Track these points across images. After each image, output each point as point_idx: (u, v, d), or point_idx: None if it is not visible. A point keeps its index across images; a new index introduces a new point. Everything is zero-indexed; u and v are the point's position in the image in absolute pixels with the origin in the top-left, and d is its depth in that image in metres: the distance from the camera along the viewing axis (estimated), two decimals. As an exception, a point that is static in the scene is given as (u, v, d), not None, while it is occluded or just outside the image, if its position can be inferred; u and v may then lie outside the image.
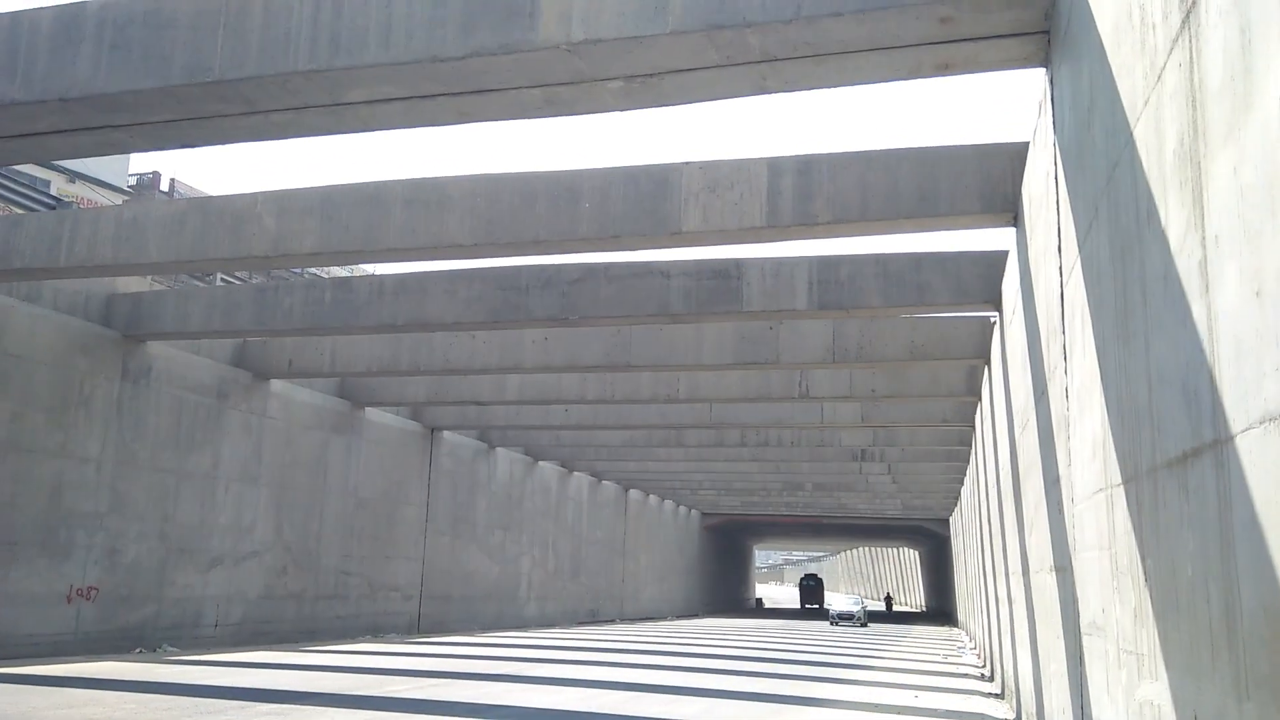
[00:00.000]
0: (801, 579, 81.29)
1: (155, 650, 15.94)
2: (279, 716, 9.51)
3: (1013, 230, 8.87)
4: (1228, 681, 2.95)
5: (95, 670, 12.97)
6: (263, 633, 18.82)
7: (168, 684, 11.81)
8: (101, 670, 13.00)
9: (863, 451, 27.89)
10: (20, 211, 15.02)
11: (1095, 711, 5.32)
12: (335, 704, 10.57)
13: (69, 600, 14.79)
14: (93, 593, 15.18)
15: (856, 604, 45.44)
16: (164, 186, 29.19)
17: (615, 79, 6.76)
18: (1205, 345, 3.05)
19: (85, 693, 10.64)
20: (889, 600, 67.08)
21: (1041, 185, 6.72)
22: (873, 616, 54.02)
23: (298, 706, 10.25)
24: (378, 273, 16.56)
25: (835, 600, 48.68)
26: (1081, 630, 5.67)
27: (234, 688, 11.78)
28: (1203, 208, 3.04)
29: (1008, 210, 8.56)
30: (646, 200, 9.55)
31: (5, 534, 13.84)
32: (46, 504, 14.47)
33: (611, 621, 36.88)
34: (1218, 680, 3.05)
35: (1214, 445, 2.99)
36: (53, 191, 21.88)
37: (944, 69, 6.51)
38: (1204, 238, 3.03)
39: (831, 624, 43.29)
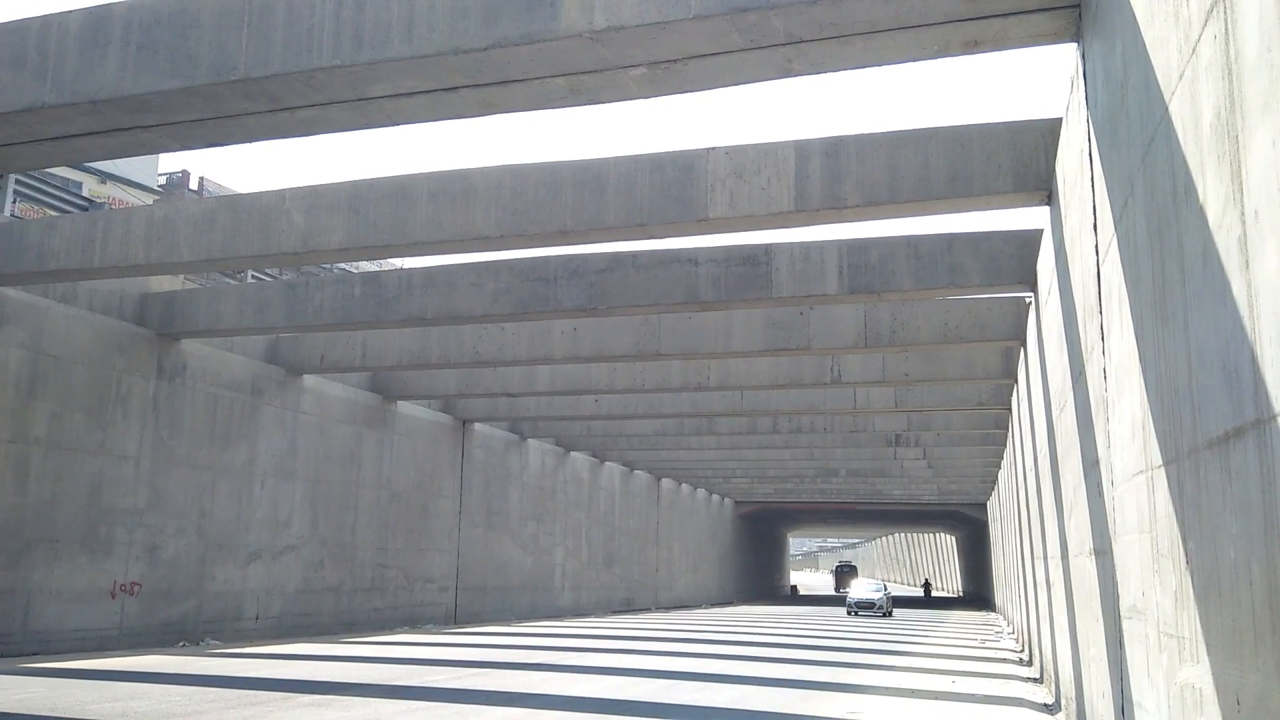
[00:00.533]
0: (837, 565, 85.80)
1: (198, 643, 16.21)
2: (321, 706, 9.63)
3: (1047, 209, 8.73)
4: (1270, 665, 2.88)
5: (140, 664, 13.21)
6: (302, 625, 19.06)
7: (211, 676, 11.99)
8: (146, 664, 13.24)
9: (897, 436, 27.69)
10: (54, 214, 15.24)
11: (1136, 695, 5.24)
12: (375, 694, 10.68)
13: (113, 596, 15.07)
14: (136, 588, 15.45)
15: (878, 590, 38.87)
16: (193, 185, 29.53)
17: (638, 66, 6.73)
18: (1246, 323, 2.97)
19: (131, 686, 10.84)
20: (927, 586, 65.81)
21: (1075, 162, 6.60)
22: (910, 603, 53.60)
23: (339, 697, 10.38)
24: (406, 266, 16.65)
25: (855, 586, 40.86)
26: (1121, 614, 5.58)
27: (276, 679, 11.94)
28: (1241, 182, 2.96)
29: (1041, 188, 8.42)
30: (673, 187, 9.50)
31: (48, 532, 14.12)
32: (87, 502, 14.74)
33: (646, 610, 36.98)
34: (1260, 664, 2.98)
35: (1256, 425, 2.91)
36: (84, 193, 22.21)
37: (972, 46, 6.40)
38: (1243, 213, 2.95)
39: (850, 614, 37.30)
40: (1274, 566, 2.84)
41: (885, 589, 39.39)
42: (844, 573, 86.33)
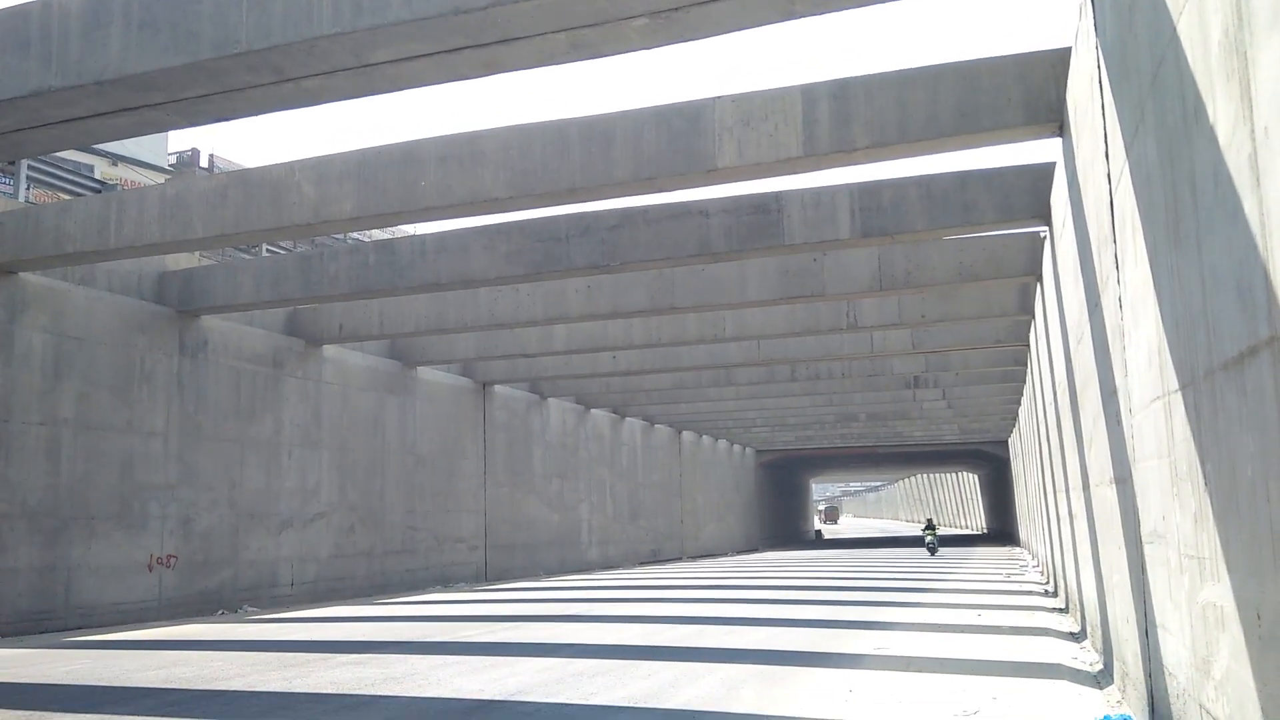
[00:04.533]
0: (824, 508, 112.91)
1: (236, 611, 16.58)
2: (359, 664, 9.88)
3: (1059, 140, 8.65)
4: (1291, 578, 2.94)
5: (181, 633, 13.55)
6: (336, 589, 19.44)
7: (250, 641, 12.30)
8: (187, 632, 13.58)
9: (915, 378, 27.67)
10: (67, 198, 15.34)
11: (1158, 617, 5.32)
12: (411, 650, 10.94)
13: (150, 569, 15.40)
14: (172, 560, 15.79)
15: None
16: (204, 163, 29.56)
17: (639, 16, 6.69)
18: (1258, 241, 2.98)
19: (173, 654, 11.14)
20: (930, 525, 50.12)
21: (1086, 91, 6.54)
22: (910, 542, 52.84)
23: (376, 655, 10.63)
24: (418, 233, 16.70)
25: None
26: (1143, 539, 5.64)
27: (314, 641, 12.23)
28: (1250, 100, 2.95)
29: (1053, 120, 8.34)
30: (680, 139, 9.47)
31: (83, 510, 14.41)
32: (119, 479, 15.01)
33: (673, 560, 37.42)
34: (1279, 577, 3.04)
35: (1270, 342, 2.94)
36: (97, 175, 22.29)
37: (976, -22, 6.32)
38: (1253, 130, 2.95)
39: None
40: (1290, 481, 2.88)
41: None
42: (830, 513, 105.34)
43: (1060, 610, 14.08)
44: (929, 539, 37.92)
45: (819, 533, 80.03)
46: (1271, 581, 3.14)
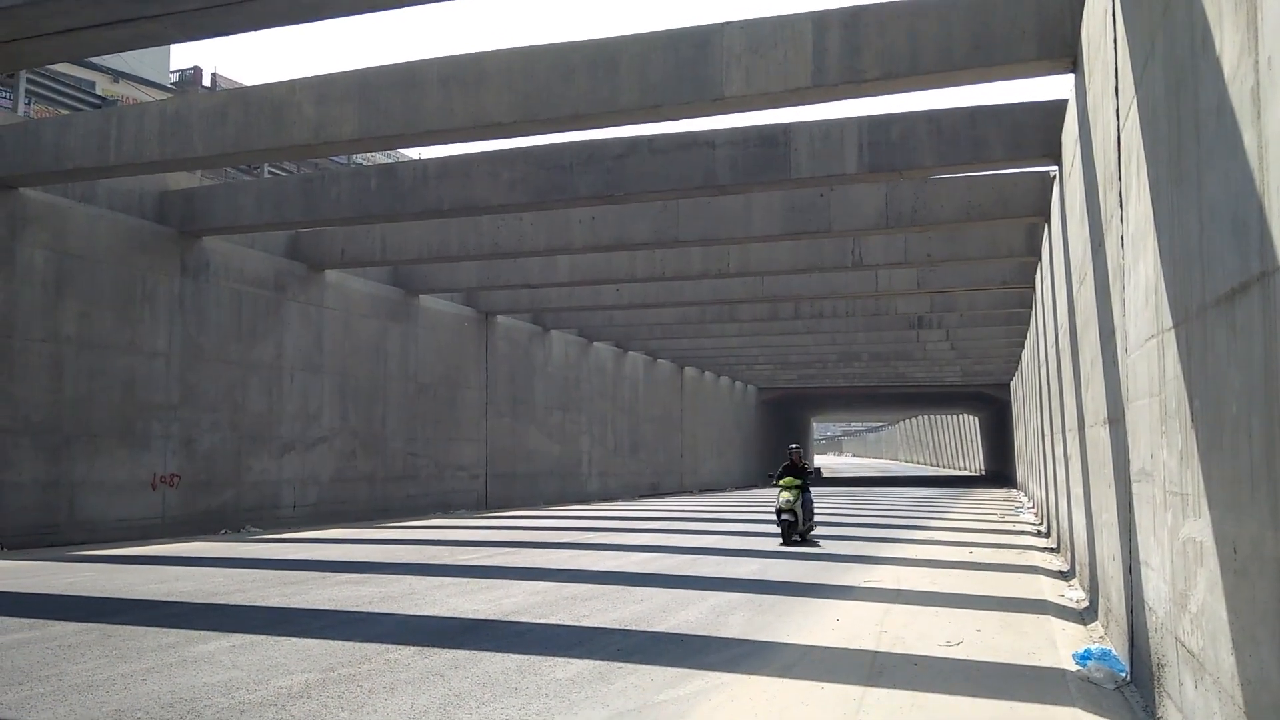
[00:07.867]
0: (790, 447, 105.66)
1: (239, 531, 16.84)
2: (358, 583, 10.07)
3: (1071, 76, 8.49)
4: (1265, 513, 2.97)
5: (184, 550, 13.78)
6: (338, 512, 19.72)
7: (252, 559, 12.52)
8: (190, 549, 13.82)
9: (920, 319, 27.64)
10: (67, 113, 15.18)
11: (1142, 554, 5.39)
12: (410, 572, 11.13)
13: (153, 487, 15.61)
14: (175, 479, 15.99)
15: None
16: (205, 81, 29.15)
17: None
18: (1255, 175, 2.94)
19: (176, 569, 11.35)
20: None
21: (1100, 24, 6.39)
22: (900, 482, 53.60)
23: (375, 575, 10.83)
24: (420, 157, 16.53)
25: None
26: (1131, 478, 5.69)
27: (314, 560, 12.44)
28: (1256, 29, 2.89)
29: (1066, 55, 8.18)
30: (687, 66, 9.31)
31: (86, 427, 14.56)
32: (121, 398, 15.12)
33: (672, 494, 37.82)
34: (1256, 512, 3.06)
35: (1261, 278, 2.92)
36: (98, 91, 22.02)
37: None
38: (1256, 62, 2.89)
39: None
40: (1272, 417, 2.89)
41: None
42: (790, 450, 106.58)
43: (1052, 550, 14.25)
44: (783, 504, 15.42)
45: (818, 470, 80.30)
46: (1249, 515, 3.16)
